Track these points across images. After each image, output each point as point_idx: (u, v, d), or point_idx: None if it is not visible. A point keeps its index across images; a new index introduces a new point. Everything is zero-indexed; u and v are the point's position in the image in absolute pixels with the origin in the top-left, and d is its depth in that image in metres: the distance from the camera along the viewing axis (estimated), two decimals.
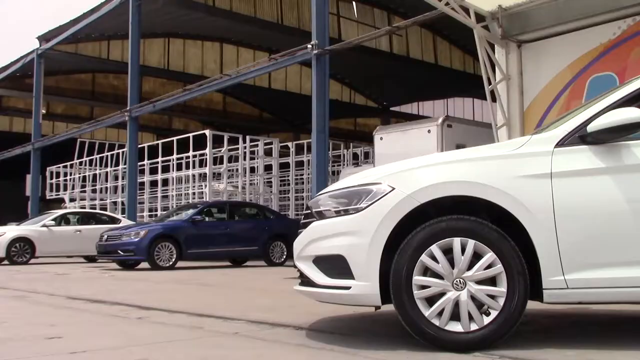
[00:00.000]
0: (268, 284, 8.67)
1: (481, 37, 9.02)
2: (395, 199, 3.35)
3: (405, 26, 16.25)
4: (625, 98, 3.41)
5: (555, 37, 8.82)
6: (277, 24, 26.49)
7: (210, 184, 19.17)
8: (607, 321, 4.53)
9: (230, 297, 6.93)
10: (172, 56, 30.34)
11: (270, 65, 16.57)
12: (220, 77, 18.94)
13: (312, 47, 13.78)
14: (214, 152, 19.63)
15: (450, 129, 11.59)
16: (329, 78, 14.30)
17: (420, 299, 3.26)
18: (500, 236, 3.24)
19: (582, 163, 3.30)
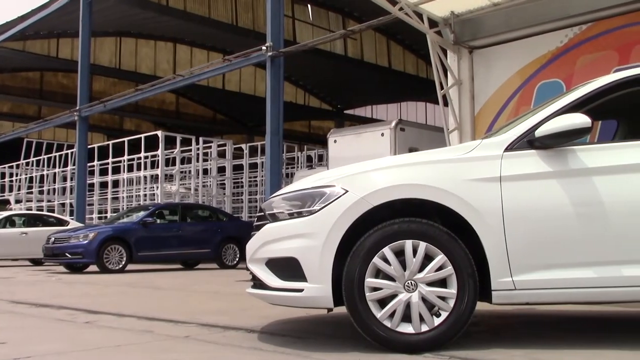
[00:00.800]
0: (220, 287, 8.59)
1: (434, 42, 9.14)
2: (349, 202, 3.37)
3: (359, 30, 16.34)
4: (572, 104, 3.50)
5: (505, 44, 9.00)
6: (232, 25, 26.33)
7: (162, 186, 18.90)
8: (552, 321, 4.64)
9: (181, 300, 6.84)
10: (124, 55, 29.83)
11: (224, 66, 16.44)
12: (174, 77, 18.70)
13: (266, 49, 13.75)
14: (166, 154, 19.36)
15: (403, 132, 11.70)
16: (283, 80, 14.28)
17: (372, 301, 3.28)
18: (451, 238, 3.29)
19: (529, 167, 3.38)
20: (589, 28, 8.22)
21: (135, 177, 20.81)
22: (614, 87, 3.59)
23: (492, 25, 9.00)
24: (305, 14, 28.31)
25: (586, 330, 4.27)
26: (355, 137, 12.34)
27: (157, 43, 30.36)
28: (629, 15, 7.82)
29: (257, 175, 23.22)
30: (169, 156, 19.94)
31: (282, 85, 14.12)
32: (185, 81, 17.82)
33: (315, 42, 16.45)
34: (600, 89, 3.57)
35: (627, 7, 7.78)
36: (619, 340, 3.68)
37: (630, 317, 4.78)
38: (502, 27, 8.90)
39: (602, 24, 8.08)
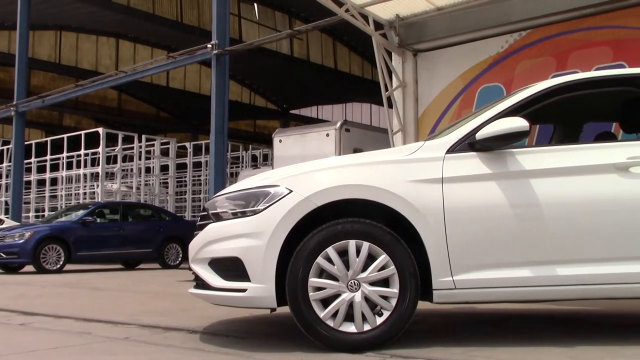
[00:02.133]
0: (161, 287, 8.46)
1: (379, 44, 9.24)
2: (293, 202, 3.37)
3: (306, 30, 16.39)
4: (511, 108, 3.60)
5: (448, 48, 9.17)
6: (177, 22, 25.98)
7: (102, 184, 18.49)
8: (491, 319, 4.75)
9: (121, 300, 6.70)
10: (64, 50, 29.03)
11: (168, 63, 16.21)
12: (116, 73, 18.32)
13: (212, 47, 13.62)
14: (107, 151, 18.95)
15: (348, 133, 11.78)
16: (228, 79, 14.17)
17: (316, 301, 3.29)
18: (394, 239, 3.33)
19: (470, 169, 3.45)
20: (529, 35, 8.46)
21: (74, 175, 20.28)
22: (550, 93, 3.71)
23: (436, 29, 9.16)
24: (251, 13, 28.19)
25: (522, 328, 4.39)
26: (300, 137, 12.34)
27: (99, 38, 29.67)
28: (567, 23, 8.09)
29: (201, 174, 22.96)
30: (110, 154, 19.51)
31: (228, 83, 14.01)
32: (128, 78, 17.48)
33: (261, 41, 16.40)
34: (538, 94, 3.68)
35: (565, 15, 8.04)
36: (551, 337, 3.80)
37: (562, 315, 4.94)
38: (445, 32, 9.06)
39: (541, 31, 8.33)
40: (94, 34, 29.19)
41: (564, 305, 5.24)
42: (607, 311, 5.07)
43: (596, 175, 3.44)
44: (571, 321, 4.69)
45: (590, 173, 3.44)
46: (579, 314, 4.97)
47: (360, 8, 8.77)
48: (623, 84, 3.91)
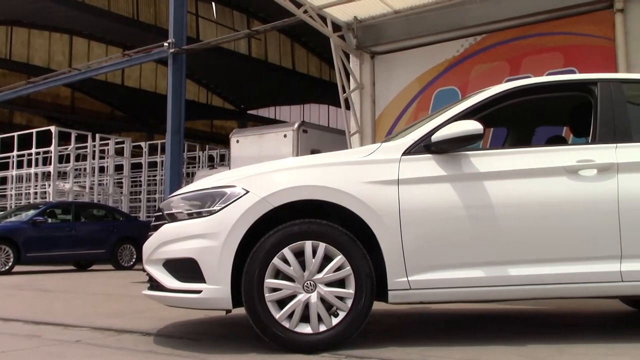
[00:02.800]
0: (115, 289, 8.31)
1: (337, 46, 9.28)
2: (249, 202, 3.35)
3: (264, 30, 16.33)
4: (466, 111, 3.66)
5: (405, 51, 9.26)
6: (133, 20, 25.56)
7: (54, 184, 18.06)
8: (445, 320, 4.82)
9: (72, 303, 6.55)
10: (15, 46, 28.23)
11: (123, 61, 15.94)
12: (69, 70, 17.93)
13: (168, 45, 13.46)
14: (59, 150, 18.52)
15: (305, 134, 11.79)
16: (185, 78, 14.04)
17: (272, 302, 3.28)
18: (350, 239, 3.35)
19: (426, 171, 3.49)
20: (483, 39, 8.62)
21: (25, 174, 19.74)
22: (504, 97, 3.78)
23: (394, 32, 9.24)
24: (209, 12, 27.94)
25: (476, 327, 4.46)
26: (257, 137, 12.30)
27: (52, 34, 28.95)
28: (520, 28, 8.26)
29: (157, 174, 22.64)
30: (62, 153, 19.06)
31: (184, 83, 13.88)
32: (82, 75, 17.14)
33: (219, 40, 16.26)
34: (491, 97, 3.75)
35: (518, 21, 8.21)
36: (504, 336, 3.87)
37: (515, 314, 5.04)
38: (403, 35, 9.15)
39: (495, 35, 8.49)
40: (46, 30, 28.46)
41: (516, 304, 5.35)
42: (557, 310, 5.19)
43: (547, 177, 3.52)
44: (523, 320, 4.78)
45: (541, 175, 3.52)
46: (531, 314, 5.08)
47: (318, 9, 8.78)
48: (573, 89, 4.02)
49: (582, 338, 3.71)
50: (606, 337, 3.75)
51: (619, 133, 3.67)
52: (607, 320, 4.80)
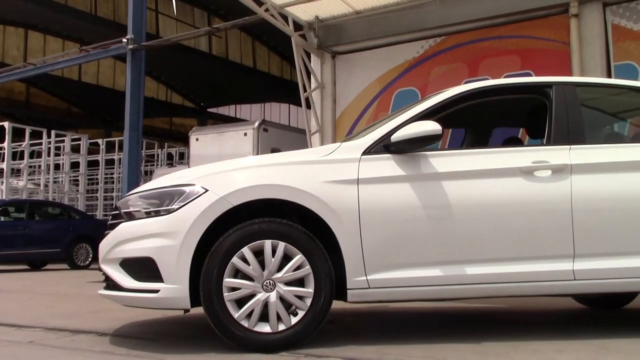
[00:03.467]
0: (70, 289, 8.15)
1: (298, 45, 9.28)
2: (208, 201, 3.33)
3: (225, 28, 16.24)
4: (425, 112, 3.70)
5: (366, 51, 9.32)
6: (91, 15, 25.10)
7: (7, 181, 17.62)
8: (404, 318, 4.86)
9: (26, 303, 6.40)
10: None
11: (81, 57, 15.65)
12: (24, 65, 17.52)
13: (127, 41, 13.27)
14: (13, 146, 18.06)
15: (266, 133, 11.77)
16: (144, 75, 13.87)
17: (230, 301, 3.26)
18: (310, 238, 3.35)
19: (385, 170, 3.52)
20: (443, 41, 8.73)
21: None
22: (462, 98, 3.84)
23: (355, 33, 9.29)
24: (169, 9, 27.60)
25: (433, 325, 4.52)
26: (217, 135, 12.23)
27: (7, 28, 28.20)
28: (479, 31, 8.40)
29: (114, 172, 22.28)
30: (16, 149, 18.61)
31: (143, 80, 13.70)
32: (37, 70, 16.76)
33: (179, 37, 16.09)
34: (450, 99, 3.80)
35: (477, 23, 8.36)
36: (460, 334, 3.93)
37: (471, 312, 5.12)
38: (364, 35, 9.21)
39: (454, 38, 8.61)
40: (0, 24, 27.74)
41: (473, 303, 5.43)
42: (512, 308, 5.30)
43: (503, 178, 3.58)
44: (479, 318, 4.86)
45: (498, 176, 3.59)
46: (487, 312, 5.17)
47: (280, 8, 8.77)
48: (529, 92, 4.10)
49: (536, 335, 3.79)
50: (559, 334, 3.84)
51: (572, 135, 3.76)
52: (560, 318, 4.91)
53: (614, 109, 4.74)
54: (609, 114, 4.78)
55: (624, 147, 3.98)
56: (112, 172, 22.52)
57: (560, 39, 7.82)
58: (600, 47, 7.59)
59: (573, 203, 3.56)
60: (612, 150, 3.81)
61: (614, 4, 7.63)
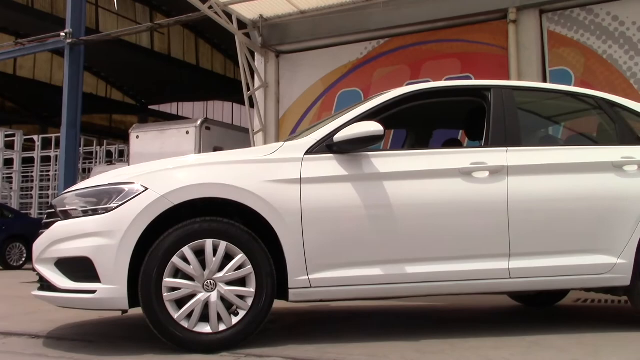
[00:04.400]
0: (2, 290, 7.88)
1: (242, 43, 9.23)
2: (148, 200, 3.27)
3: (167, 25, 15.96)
4: (367, 113, 3.74)
5: (310, 51, 9.36)
6: (27, 7, 24.28)
7: None
8: (345, 317, 4.89)
9: None
10: None
11: (16, 50, 15.09)
12: None
13: (65, 35, 12.88)
14: None
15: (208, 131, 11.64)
16: (83, 70, 13.50)
17: (170, 301, 3.22)
18: (251, 238, 3.33)
19: (328, 170, 3.53)
20: (386, 43, 8.85)
21: None
22: (404, 100, 3.90)
23: (299, 32, 9.31)
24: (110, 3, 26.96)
25: (374, 324, 4.56)
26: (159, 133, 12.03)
27: None
28: (421, 34, 8.55)
29: (50, 169, 21.60)
30: None
31: (82, 75, 13.34)
32: None
33: (119, 32, 15.75)
34: (392, 100, 3.85)
35: (419, 27, 8.50)
36: (401, 332, 3.99)
37: (411, 311, 5.20)
38: (308, 35, 9.24)
39: (397, 40, 8.74)
40: None
41: (413, 301, 5.51)
42: (451, 306, 5.40)
43: (443, 179, 3.65)
44: (419, 316, 4.94)
45: (438, 177, 3.65)
46: (426, 310, 5.26)
47: (224, 6, 8.71)
48: (469, 95, 4.20)
49: (473, 332, 3.88)
50: (495, 331, 3.94)
51: (509, 137, 3.87)
52: (496, 315, 5.04)
53: (549, 113, 4.90)
54: (544, 117, 4.93)
55: (557, 149, 4.12)
56: (48, 170, 21.81)
57: (499, 44, 8.04)
58: (537, 52, 7.84)
59: (509, 203, 3.66)
60: (547, 153, 3.94)
61: (550, 11, 7.89)
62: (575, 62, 7.72)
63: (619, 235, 3.80)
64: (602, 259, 3.76)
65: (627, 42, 7.46)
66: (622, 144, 4.09)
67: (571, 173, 3.84)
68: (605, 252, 3.77)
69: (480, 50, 8.20)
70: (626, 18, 7.49)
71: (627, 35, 7.47)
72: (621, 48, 7.50)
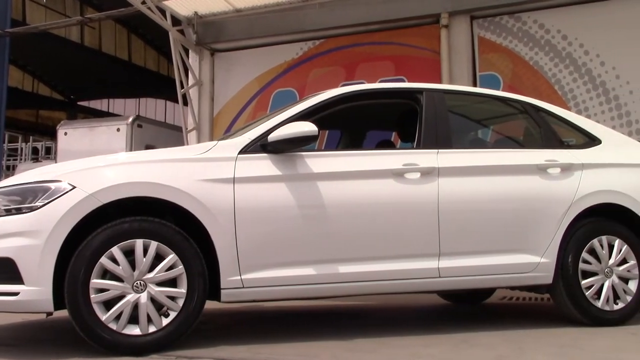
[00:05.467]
0: None
1: (176, 40, 9.08)
2: (76, 198, 3.17)
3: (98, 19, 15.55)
4: (302, 113, 3.75)
5: (246, 50, 9.30)
6: None
7: None
8: (277, 317, 4.89)
9: None
10: None
11: None
12: None
13: None
14: None
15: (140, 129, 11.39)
16: (8, 63, 13.00)
17: (98, 303, 3.13)
18: (183, 238, 3.28)
19: (262, 170, 3.52)
20: (322, 44, 8.89)
21: None
22: (338, 100, 3.93)
23: (235, 31, 9.24)
24: None
25: (307, 323, 4.57)
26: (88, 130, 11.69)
27: None
28: (355, 36, 8.63)
29: None
30: None
31: (7, 68, 12.87)
32: None
33: (47, 25, 15.23)
34: (327, 100, 3.87)
35: (354, 29, 8.58)
36: (333, 331, 4.01)
37: (344, 310, 5.24)
38: (243, 34, 9.18)
39: (333, 41, 8.79)
40: None
41: (345, 301, 5.56)
42: (382, 306, 5.48)
43: (376, 179, 3.70)
44: (351, 316, 4.98)
45: (370, 177, 3.70)
46: (358, 309, 5.31)
47: (158, 2, 8.54)
48: (402, 97, 4.27)
49: (404, 331, 3.95)
50: (425, 329, 4.02)
51: (440, 140, 3.95)
52: (426, 314, 5.15)
53: (479, 116, 5.04)
54: (474, 120, 5.08)
55: (486, 152, 4.25)
56: None
57: (432, 47, 8.20)
58: (468, 57, 8.05)
59: (440, 204, 3.74)
60: (476, 155, 4.06)
61: (480, 17, 8.11)
62: (504, 67, 7.96)
63: (542, 235, 3.95)
64: (527, 258, 3.90)
65: (552, 49, 7.75)
66: (546, 148, 4.25)
67: (499, 175, 3.96)
68: (529, 251, 3.91)
69: (413, 53, 8.35)
70: (551, 26, 7.78)
71: (552, 43, 7.76)
72: (546, 55, 7.78)
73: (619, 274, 4.07)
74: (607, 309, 4.02)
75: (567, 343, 3.52)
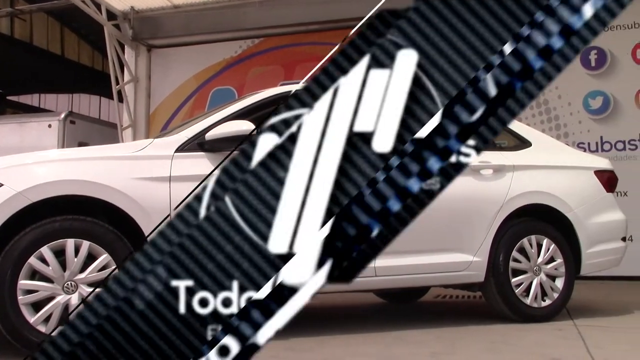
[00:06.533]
0: None
1: (112, 35, 8.87)
2: (3, 196, 3.06)
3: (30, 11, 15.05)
4: (240, 111, 3.73)
5: (184, 47, 9.17)
6: None
7: None
8: None
9: None
10: None
11: None
12: None
13: None
14: None
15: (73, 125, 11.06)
16: None
17: (26, 305, 3.03)
18: (117, 238, 3.22)
19: (198, 168, 3.47)
20: (261, 42, 8.86)
21: None
22: (276, 99, 3.92)
23: (172, 27, 9.10)
24: None
25: None
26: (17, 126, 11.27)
27: None
28: (295, 36, 8.64)
29: None
30: None
31: None
32: None
33: None
34: (265, 99, 3.86)
35: (293, 28, 8.59)
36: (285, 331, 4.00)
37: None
38: (181, 30, 9.05)
39: (272, 40, 8.78)
40: None
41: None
42: (320, 305, 5.51)
43: None
44: None
45: None
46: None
47: None
48: None
49: (342, 329, 3.98)
50: (362, 327, 4.07)
51: None
52: (363, 312, 5.21)
53: None
54: None
55: None
56: None
57: None
58: None
59: None
60: None
61: None
62: None
63: (475, 234, 4.05)
64: (460, 257, 4.00)
65: None
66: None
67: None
68: (463, 250, 4.01)
69: None
70: None
71: None
72: None
73: (547, 272, 4.23)
74: (536, 305, 4.16)
75: (497, 339, 3.62)
